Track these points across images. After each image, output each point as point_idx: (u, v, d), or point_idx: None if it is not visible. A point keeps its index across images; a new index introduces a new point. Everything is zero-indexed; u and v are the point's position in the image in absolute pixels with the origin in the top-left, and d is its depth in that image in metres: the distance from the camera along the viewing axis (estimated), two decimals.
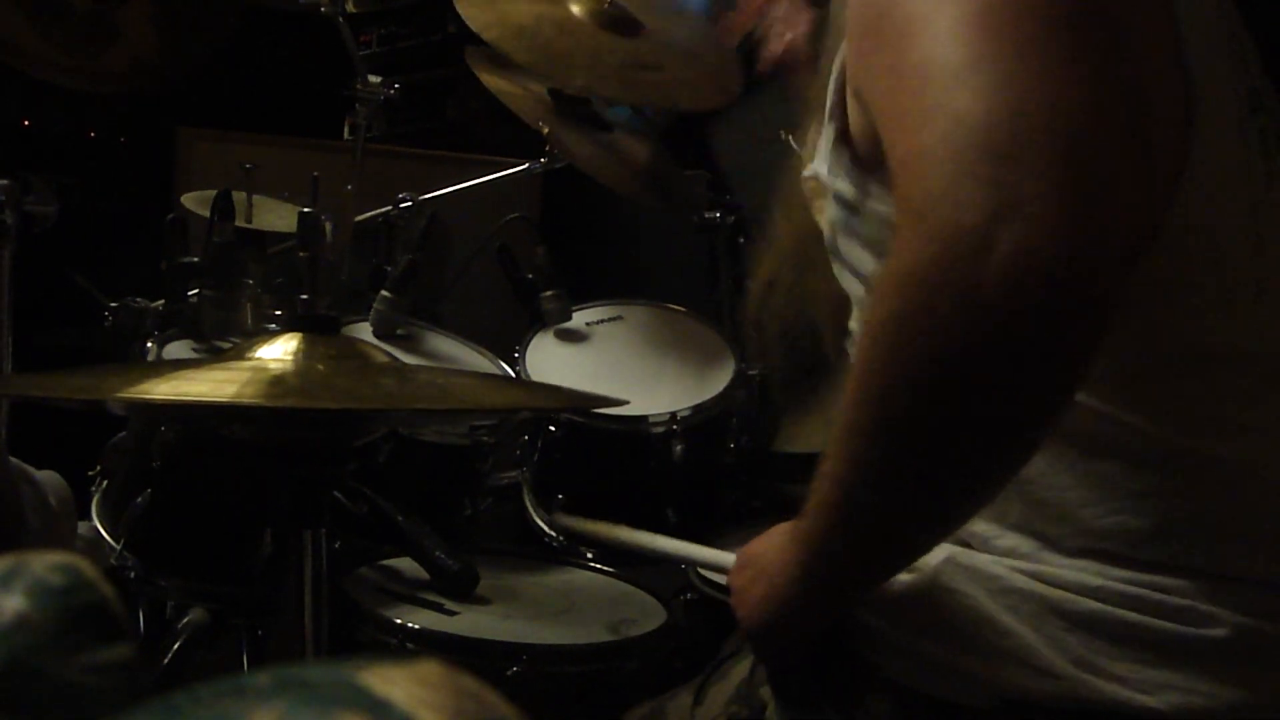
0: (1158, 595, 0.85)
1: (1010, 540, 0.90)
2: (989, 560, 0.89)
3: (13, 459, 1.47)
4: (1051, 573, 0.87)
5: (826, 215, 0.99)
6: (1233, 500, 0.87)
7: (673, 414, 1.73)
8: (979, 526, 0.91)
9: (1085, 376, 0.74)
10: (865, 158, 0.92)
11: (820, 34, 1.36)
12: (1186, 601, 0.85)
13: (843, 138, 0.93)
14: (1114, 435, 0.86)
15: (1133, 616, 0.85)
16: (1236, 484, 0.87)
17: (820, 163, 0.97)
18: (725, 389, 1.80)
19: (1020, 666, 0.86)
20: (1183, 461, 0.86)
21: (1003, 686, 0.86)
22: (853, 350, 0.98)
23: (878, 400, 0.77)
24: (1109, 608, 0.85)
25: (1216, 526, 0.86)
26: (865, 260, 0.95)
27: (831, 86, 0.95)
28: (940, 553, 0.91)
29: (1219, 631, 0.84)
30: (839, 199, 0.96)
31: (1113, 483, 0.86)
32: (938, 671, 0.90)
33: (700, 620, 1.51)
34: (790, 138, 1.40)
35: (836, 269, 1.00)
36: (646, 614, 1.48)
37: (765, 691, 1.03)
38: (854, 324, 1.03)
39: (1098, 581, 0.86)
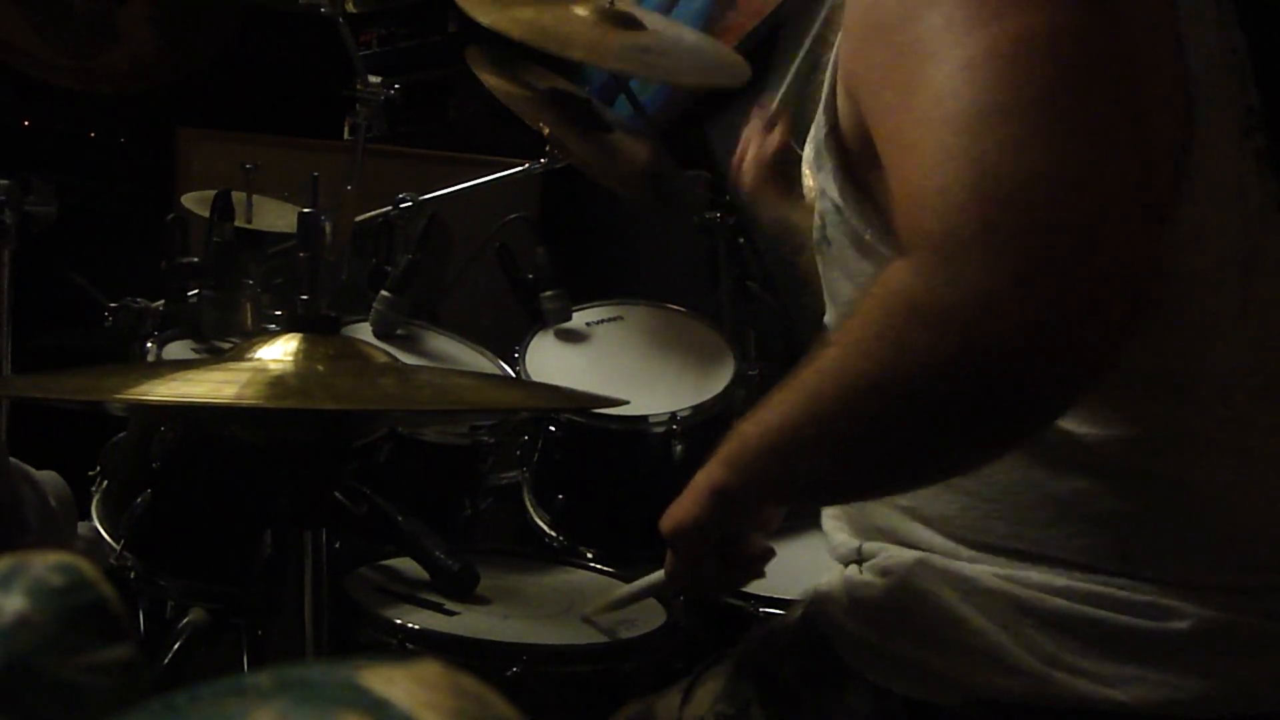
0: (1122, 593, 0.86)
1: (976, 553, 0.90)
2: (960, 564, 0.90)
3: (13, 459, 1.47)
4: (1020, 574, 0.88)
5: (817, 207, 0.99)
6: (1200, 522, 0.87)
7: (673, 414, 1.73)
8: (944, 542, 0.92)
9: None
10: (855, 153, 0.91)
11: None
12: (1150, 598, 0.85)
13: (834, 133, 0.93)
14: (1084, 457, 0.86)
15: (1098, 613, 0.86)
16: (1204, 506, 0.87)
17: (812, 155, 0.97)
18: (725, 389, 1.79)
19: (991, 665, 0.87)
20: (1149, 484, 0.87)
21: (975, 686, 0.88)
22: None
23: (856, 402, 0.79)
24: (1075, 605, 0.86)
25: (1182, 546, 0.87)
26: (852, 257, 0.95)
27: (826, 80, 0.94)
28: (912, 556, 0.92)
29: (1182, 624, 0.85)
30: (828, 194, 0.96)
31: (1078, 504, 0.87)
32: (911, 672, 0.91)
33: (700, 620, 1.51)
34: (792, 141, 1.40)
35: (821, 263, 1.00)
36: (646, 614, 1.48)
37: (750, 689, 1.03)
38: (829, 318, 1.03)
39: (1063, 581, 0.87)
